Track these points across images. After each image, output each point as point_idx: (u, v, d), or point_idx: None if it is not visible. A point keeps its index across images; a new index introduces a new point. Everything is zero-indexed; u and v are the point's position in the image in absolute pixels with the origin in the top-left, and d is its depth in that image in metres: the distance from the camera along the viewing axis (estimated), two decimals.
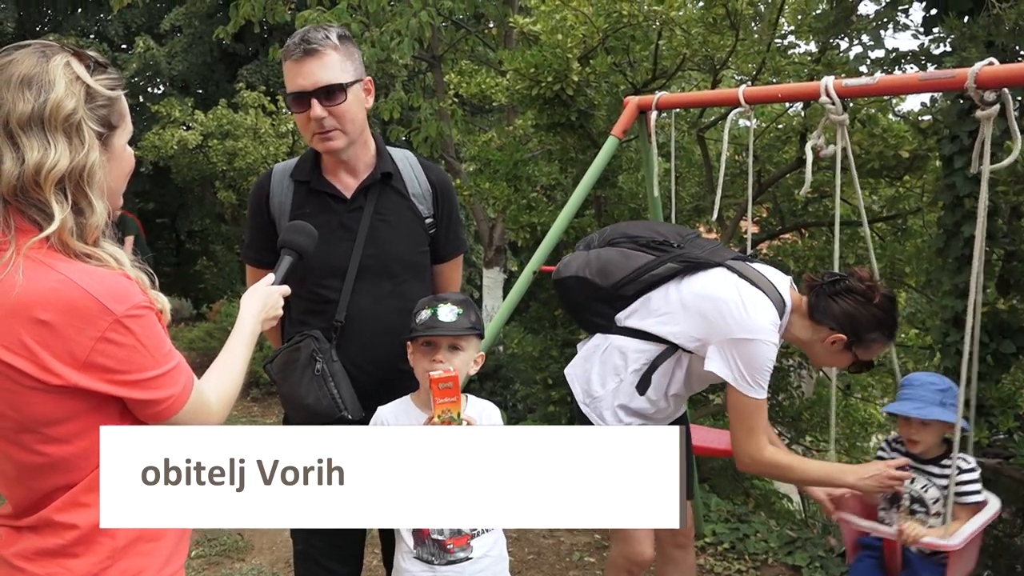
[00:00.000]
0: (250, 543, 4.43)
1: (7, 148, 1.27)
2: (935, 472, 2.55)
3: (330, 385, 2.11)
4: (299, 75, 2.08)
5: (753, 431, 2.34)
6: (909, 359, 5.26)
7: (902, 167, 5.31)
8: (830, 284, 2.35)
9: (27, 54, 1.31)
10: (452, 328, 2.02)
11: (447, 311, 2.04)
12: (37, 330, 1.24)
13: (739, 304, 2.30)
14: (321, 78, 2.06)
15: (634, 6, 4.93)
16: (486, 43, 8.62)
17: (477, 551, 2.08)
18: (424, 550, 2.07)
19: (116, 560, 1.34)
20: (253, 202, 2.29)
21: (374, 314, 2.21)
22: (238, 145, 11.67)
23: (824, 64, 5.15)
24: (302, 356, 2.14)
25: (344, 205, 2.21)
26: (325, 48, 2.08)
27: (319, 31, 2.10)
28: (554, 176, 6.27)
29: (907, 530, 2.40)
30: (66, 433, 1.30)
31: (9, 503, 1.39)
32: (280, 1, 7.25)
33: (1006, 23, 3.46)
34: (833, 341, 2.34)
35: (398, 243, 2.24)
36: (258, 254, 2.31)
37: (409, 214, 2.27)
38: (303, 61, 2.07)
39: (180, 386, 1.38)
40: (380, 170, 2.23)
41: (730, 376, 2.30)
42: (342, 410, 2.09)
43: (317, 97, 2.06)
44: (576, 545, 4.32)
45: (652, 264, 2.53)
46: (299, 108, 2.11)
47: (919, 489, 2.57)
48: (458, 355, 2.05)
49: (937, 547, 2.43)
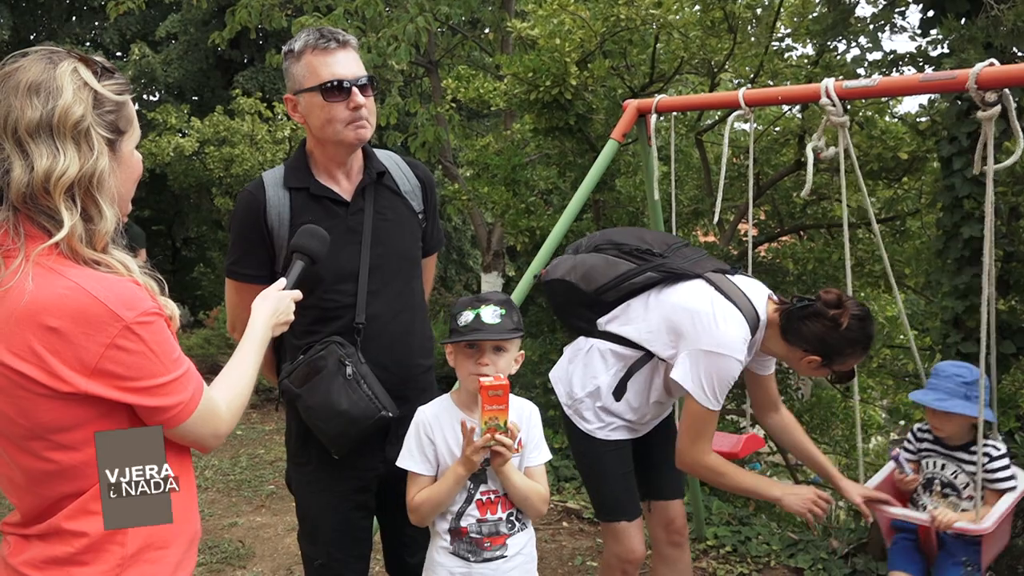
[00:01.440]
0: (251, 550, 4.41)
1: (16, 155, 1.26)
2: (964, 459, 2.62)
3: (363, 387, 2.08)
4: (336, 64, 2.07)
5: (699, 437, 2.44)
6: (909, 360, 5.26)
7: (901, 169, 5.32)
8: (799, 309, 2.39)
9: (34, 60, 1.30)
10: (497, 331, 2.00)
11: (491, 313, 2.02)
12: (47, 337, 1.23)
13: (711, 317, 2.36)
14: (357, 69, 2.09)
15: (632, 10, 4.94)
16: (483, 48, 8.64)
17: (511, 549, 2.08)
18: (461, 546, 2.06)
19: (125, 568, 1.33)
20: (244, 217, 2.18)
21: (389, 313, 2.21)
22: (234, 152, 11.67)
23: (822, 67, 5.16)
24: (329, 363, 2.10)
25: (346, 208, 2.19)
26: (351, 43, 2.12)
27: (336, 31, 2.12)
28: (552, 180, 6.27)
29: (939, 516, 2.50)
30: (75, 440, 1.29)
31: (17, 511, 1.38)
32: (277, 7, 7.25)
33: (1004, 24, 3.46)
34: (808, 361, 2.40)
35: (401, 240, 2.25)
36: (255, 270, 2.19)
37: (406, 211, 2.28)
38: (336, 52, 2.08)
39: (189, 393, 1.37)
40: (374, 169, 2.23)
41: (690, 385, 2.38)
42: (381, 410, 2.08)
43: (359, 86, 2.08)
44: (578, 549, 4.31)
45: (633, 272, 2.60)
46: (336, 97, 2.07)
47: (949, 475, 2.65)
48: (503, 357, 2.04)
49: (969, 531, 2.50)
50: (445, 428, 2.08)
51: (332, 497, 2.26)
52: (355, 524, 2.30)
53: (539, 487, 2.11)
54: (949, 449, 2.66)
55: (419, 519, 2.10)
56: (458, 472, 2.01)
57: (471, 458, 1.97)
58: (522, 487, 2.06)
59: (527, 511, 2.12)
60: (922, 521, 2.59)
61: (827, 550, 4.09)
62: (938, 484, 2.67)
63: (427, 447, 2.08)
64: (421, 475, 2.08)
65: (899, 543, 2.83)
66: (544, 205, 6.30)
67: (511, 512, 2.09)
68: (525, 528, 2.13)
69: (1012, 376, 4.64)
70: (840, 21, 4.72)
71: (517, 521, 2.11)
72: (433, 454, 2.08)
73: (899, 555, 2.81)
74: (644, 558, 2.74)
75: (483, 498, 2.07)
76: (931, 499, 2.68)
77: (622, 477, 2.71)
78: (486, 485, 2.07)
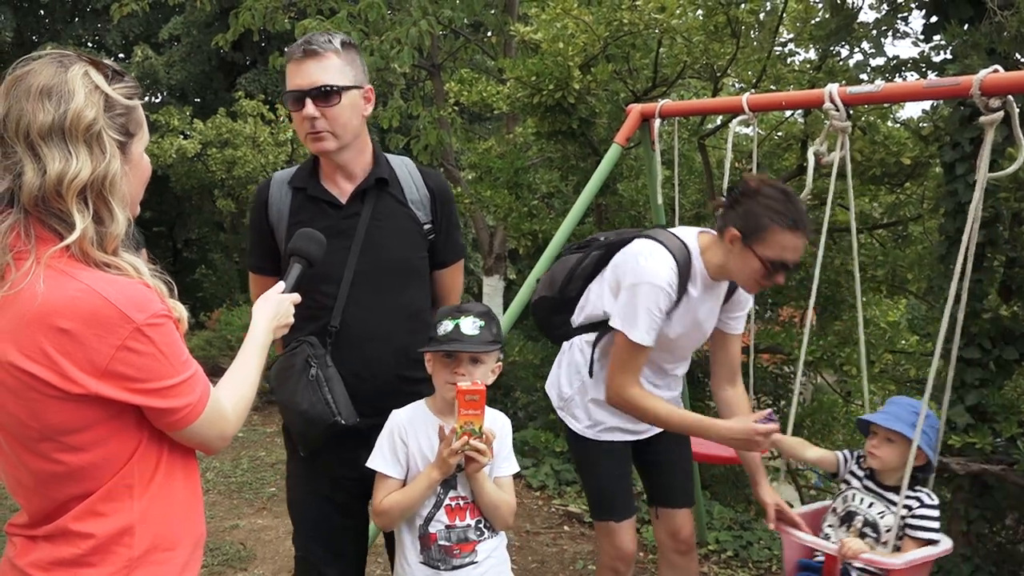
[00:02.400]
0: (252, 552, 4.41)
1: (28, 159, 1.27)
2: (895, 500, 2.43)
3: (324, 390, 2.10)
4: (297, 74, 2.12)
5: (624, 368, 2.45)
6: (911, 366, 5.24)
7: (903, 174, 5.31)
8: (728, 197, 2.45)
9: (45, 64, 1.31)
10: (475, 342, 2.01)
11: (470, 324, 2.03)
12: (58, 338, 1.24)
13: (635, 256, 2.47)
14: (317, 79, 2.10)
15: (635, 14, 4.94)
16: (485, 51, 8.65)
17: (481, 555, 2.08)
18: (430, 555, 2.07)
19: (132, 569, 1.34)
20: (253, 210, 2.33)
21: (370, 320, 2.20)
22: (237, 154, 11.69)
23: (825, 72, 5.16)
24: (297, 362, 2.14)
25: (340, 211, 2.21)
26: (326, 51, 2.12)
27: (324, 36, 2.14)
28: (554, 184, 6.27)
29: (849, 544, 2.35)
30: (84, 442, 1.30)
31: (24, 512, 1.38)
32: (280, 10, 7.27)
33: (1008, 30, 3.46)
34: (731, 240, 2.38)
35: (395, 249, 2.24)
36: (259, 261, 2.35)
37: (406, 220, 2.27)
38: (303, 61, 2.12)
39: (197, 395, 1.37)
40: (375, 175, 2.23)
41: (616, 319, 2.45)
42: (335, 415, 2.08)
43: (311, 97, 2.10)
44: (580, 553, 4.31)
45: (581, 259, 2.73)
46: (295, 107, 2.14)
47: (875, 514, 2.47)
48: (479, 368, 2.04)
49: (878, 564, 2.34)
50: (419, 432, 2.09)
51: (308, 492, 2.32)
52: (332, 522, 2.31)
53: (508, 497, 2.11)
54: (883, 488, 2.49)
55: (386, 523, 2.10)
56: (432, 476, 2.01)
57: (447, 460, 1.97)
58: (493, 495, 2.07)
59: (495, 521, 2.11)
60: (830, 550, 2.40)
61: None
62: (860, 521, 2.47)
63: (399, 450, 2.09)
64: (390, 478, 2.08)
65: None
66: (546, 209, 6.30)
67: (479, 519, 2.10)
68: (496, 535, 2.13)
69: (1015, 382, 4.64)
70: (843, 26, 4.72)
71: (486, 528, 2.11)
72: (405, 457, 2.08)
73: None
74: (634, 556, 2.77)
75: (452, 503, 2.07)
76: (846, 534, 2.48)
77: (614, 478, 2.73)
78: (455, 491, 2.07)
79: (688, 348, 2.67)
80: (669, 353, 2.62)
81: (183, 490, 1.44)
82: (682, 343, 2.60)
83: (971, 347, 3.83)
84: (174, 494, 1.41)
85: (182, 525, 1.42)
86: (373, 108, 2.27)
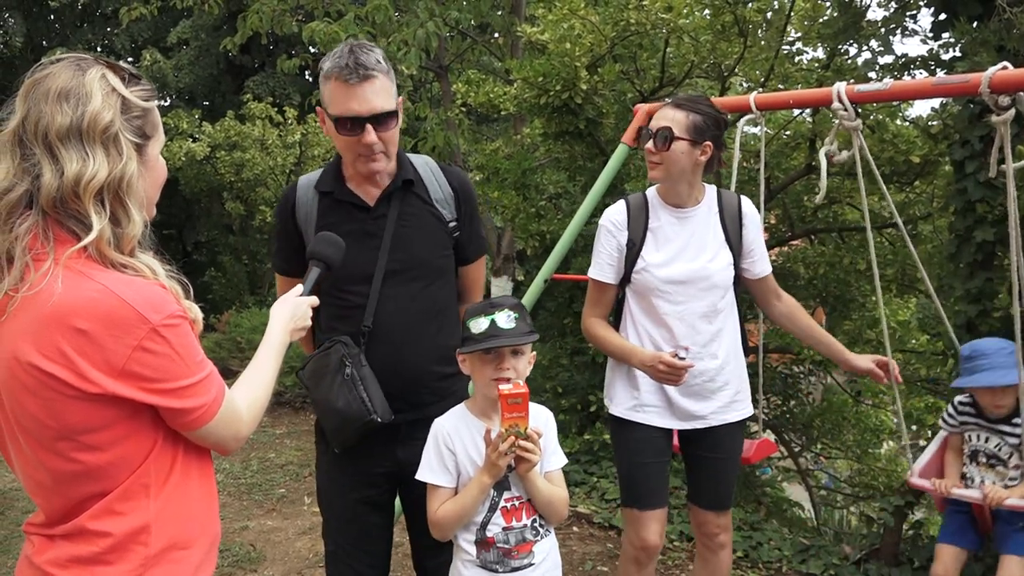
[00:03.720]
0: (262, 553, 4.42)
1: (46, 161, 1.28)
2: (1006, 431, 2.71)
3: (359, 389, 2.12)
4: (353, 99, 2.07)
5: (589, 302, 2.77)
6: (922, 365, 5.23)
7: (912, 172, 5.30)
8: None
9: (63, 67, 1.32)
10: (514, 335, 2.00)
11: (505, 318, 2.01)
12: (75, 339, 1.25)
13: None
14: (376, 105, 2.08)
15: (641, 14, 4.94)
16: (493, 52, 8.65)
17: (538, 556, 2.07)
18: (488, 557, 2.05)
19: (148, 568, 1.35)
20: (279, 213, 2.36)
21: (401, 318, 2.23)
22: (245, 156, 11.72)
23: (833, 70, 5.15)
24: (332, 361, 2.16)
25: (368, 213, 2.24)
26: (378, 73, 2.08)
27: (369, 54, 2.09)
28: (562, 184, 6.27)
29: (991, 494, 2.64)
30: (102, 441, 1.31)
31: (42, 511, 1.40)
32: (287, 13, 7.27)
33: (1017, 27, 3.45)
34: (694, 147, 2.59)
35: (422, 248, 2.27)
36: (285, 263, 2.38)
37: (432, 219, 2.29)
38: (359, 86, 2.07)
39: (212, 395, 1.39)
40: (401, 177, 2.25)
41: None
42: (371, 413, 2.11)
43: (373, 123, 2.08)
44: (588, 554, 4.30)
45: None
46: (351, 132, 2.11)
47: (993, 447, 2.75)
48: (521, 360, 2.04)
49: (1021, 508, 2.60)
50: (464, 438, 2.08)
51: (340, 487, 2.34)
52: (362, 518, 2.34)
53: (561, 492, 2.11)
54: (991, 422, 2.75)
55: (442, 533, 2.08)
56: (483, 480, 1.99)
57: (496, 463, 1.96)
58: (546, 492, 2.06)
59: (550, 517, 2.11)
60: (975, 499, 2.69)
61: (839, 556, 4.07)
62: (983, 456, 2.75)
63: (447, 458, 2.06)
64: (442, 487, 2.06)
65: (951, 516, 2.90)
66: (554, 209, 6.29)
67: (535, 518, 2.08)
68: (549, 534, 2.12)
69: None
70: (851, 24, 4.70)
71: (541, 527, 2.09)
72: (454, 464, 2.06)
73: (951, 528, 2.89)
74: (658, 549, 2.75)
75: (507, 505, 2.06)
76: (978, 470, 2.78)
77: (643, 466, 2.73)
78: (510, 492, 2.06)
79: (700, 295, 2.62)
80: (681, 299, 2.60)
81: (199, 490, 1.45)
82: (687, 284, 2.60)
83: None
84: (190, 493, 1.42)
85: (198, 524, 1.43)
86: None
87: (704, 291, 2.61)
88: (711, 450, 2.75)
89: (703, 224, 2.64)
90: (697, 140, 2.52)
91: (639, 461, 2.73)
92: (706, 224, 2.64)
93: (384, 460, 2.28)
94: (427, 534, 2.17)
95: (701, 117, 2.53)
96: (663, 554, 4.25)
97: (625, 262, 2.66)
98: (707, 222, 2.64)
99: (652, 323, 2.64)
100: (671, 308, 2.60)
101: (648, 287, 2.62)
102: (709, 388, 2.66)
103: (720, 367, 2.65)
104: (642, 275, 2.62)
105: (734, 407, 2.72)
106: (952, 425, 2.90)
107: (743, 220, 2.68)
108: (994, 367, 2.64)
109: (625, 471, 2.80)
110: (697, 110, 2.54)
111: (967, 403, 2.83)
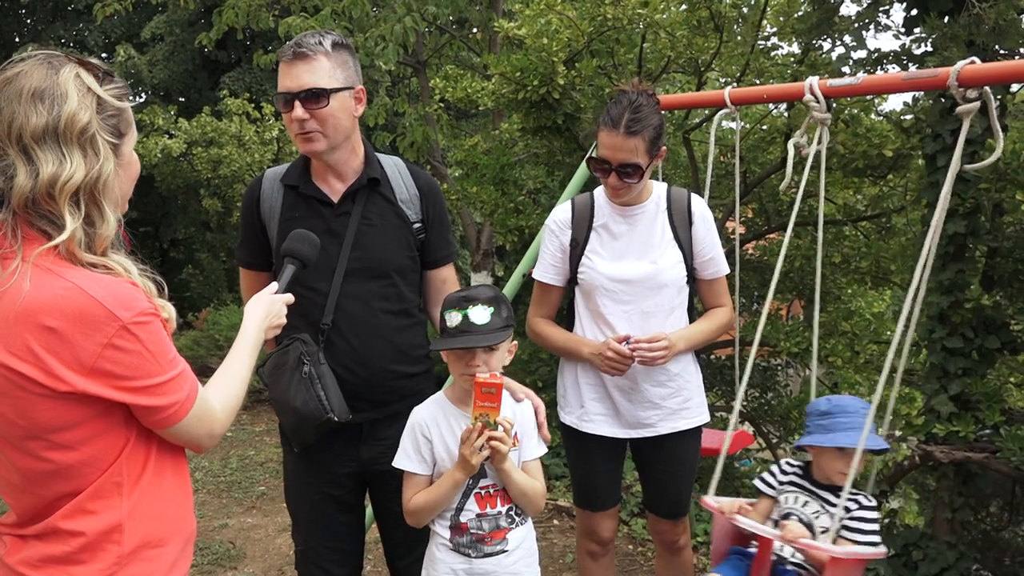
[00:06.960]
0: (242, 551, 4.41)
1: (21, 162, 1.27)
2: (830, 500, 2.33)
3: (317, 387, 2.12)
4: (287, 76, 2.13)
5: (534, 302, 2.79)
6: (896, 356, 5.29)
7: (886, 166, 5.35)
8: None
9: (34, 65, 1.31)
10: (486, 331, 1.98)
11: (479, 312, 1.99)
12: (45, 337, 1.24)
13: None
14: (306, 81, 2.10)
15: (618, 9, 4.95)
16: (470, 48, 8.64)
17: (512, 543, 2.08)
18: (461, 542, 2.06)
19: (122, 566, 1.34)
20: (244, 205, 2.34)
21: (361, 317, 2.22)
22: (222, 153, 11.63)
23: (807, 65, 5.19)
24: (290, 359, 2.16)
25: (331, 209, 2.23)
26: (316, 53, 2.12)
27: (315, 36, 2.14)
28: (541, 179, 6.27)
29: (790, 526, 2.28)
30: (73, 440, 1.30)
31: (13, 512, 1.39)
32: (263, 8, 7.23)
33: (986, 22, 3.50)
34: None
35: (385, 247, 2.26)
36: (250, 256, 2.35)
37: (396, 219, 2.28)
38: (292, 63, 2.12)
39: (185, 393, 1.38)
40: (367, 175, 2.25)
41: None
42: (328, 412, 2.10)
43: (300, 99, 2.11)
44: (569, 547, 4.33)
45: None
46: (285, 108, 2.16)
47: (810, 514, 2.37)
48: (494, 355, 2.02)
49: (815, 548, 2.22)
50: (442, 426, 2.08)
51: (306, 487, 2.34)
52: (329, 517, 2.34)
53: (537, 483, 2.10)
54: (817, 487, 2.38)
55: (415, 521, 2.09)
56: (456, 476, 2.00)
57: (469, 460, 1.96)
58: (521, 483, 2.06)
59: (525, 507, 2.11)
60: (773, 534, 2.29)
61: None
62: (795, 520, 2.35)
63: (423, 446, 2.07)
64: (417, 475, 2.07)
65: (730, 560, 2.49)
66: (533, 204, 6.30)
67: (510, 506, 2.09)
68: (525, 522, 2.13)
69: (997, 371, 4.69)
70: (825, 20, 4.74)
71: (516, 515, 2.10)
72: (430, 453, 2.07)
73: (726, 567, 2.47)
74: (610, 541, 2.83)
75: (482, 491, 2.07)
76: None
77: (599, 474, 2.76)
78: (485, 479, 2.07)
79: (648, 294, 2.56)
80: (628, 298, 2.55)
81: (173, 487, 1.44)
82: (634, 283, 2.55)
83: (954, 337, 3.87)
84: (163, 491, 1.42)
85: (171, 522, 1.43)
86: None
87: (652, 290, 2.55)
88: (662, 460, 2.71)
89: (650, 222, 2.59)
90: (655, 154, 2.49)
91: (589, 470, 2.77)
92: (653, 222, 2.59)
93: (348, 460, 2.28)
94: (397, 532, 2.18)
95: (652, 129, 2.42)
96: (635, 548, 4.29)
97: (569, 262, 2.63)
98: (655, 220, 2.59)
99: (600, 323, 2.61)
100: (617, 308, 2.57)
101: (593, 286, 2.58)
102: (658, 393, 2.59)
103: (668, 371, 2.57)
104: (587, 274, 2.59)
105: (684, 414, 2.64)
106: (772, 487, 2.49)
107: (692, 218, 2.60)
108: (856, 427, 2.24)
109: (576, 478, 2.85)
110: (645, 125, 2.41)
111: (796, 464, 2.48)
